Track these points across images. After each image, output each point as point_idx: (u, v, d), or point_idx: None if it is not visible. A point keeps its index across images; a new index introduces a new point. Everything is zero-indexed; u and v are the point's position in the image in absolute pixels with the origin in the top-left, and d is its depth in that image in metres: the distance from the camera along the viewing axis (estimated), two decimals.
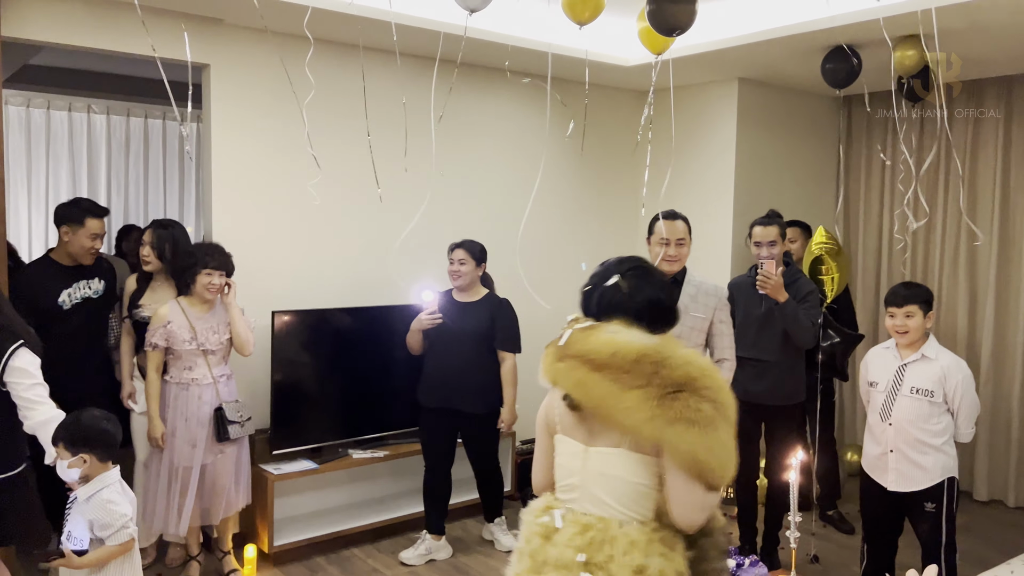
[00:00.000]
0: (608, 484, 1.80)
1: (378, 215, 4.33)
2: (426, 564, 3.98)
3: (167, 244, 3.68)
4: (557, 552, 1.77)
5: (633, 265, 1.94)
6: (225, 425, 3.53)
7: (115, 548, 2.59)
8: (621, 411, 1.70)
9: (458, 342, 3.89)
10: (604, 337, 1.79)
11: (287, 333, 3.96)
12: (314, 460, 4.09)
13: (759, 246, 3.78)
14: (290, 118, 4.09)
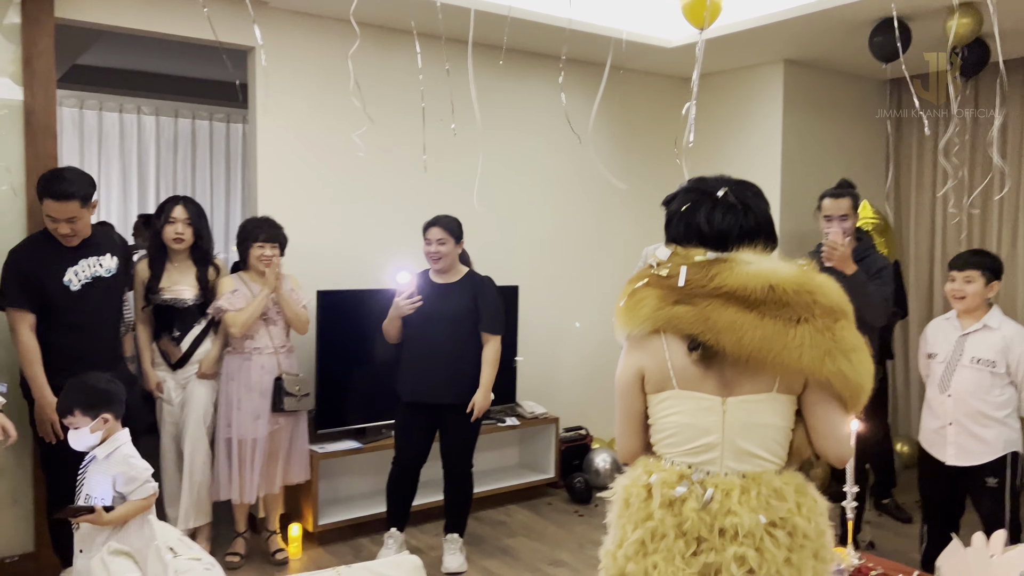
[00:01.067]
0: (757, 434, 1.62)
1: (422, 197, 4.34)
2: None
3: (202, 218, 3.66)
4: (735, 520, 1.57)
5: (728, 180, 1.72)
6: (282, 396, 3.57)
7: (140, 503, 2.60)
8: (792, 350, 1.54)
9: (439, 327, 3.53)
10: (750, 269, 1.60)
11: (332, 313, 3.98)
12: (358, 440, 4.10)
13: (829, 220, 3.51)
14: (335, 101, 4.14)
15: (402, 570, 2.22)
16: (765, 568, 1.56)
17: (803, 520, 1.60)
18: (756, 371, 1.60)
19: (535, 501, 4.63)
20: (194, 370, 3.63)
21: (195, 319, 3.62)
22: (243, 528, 3.73)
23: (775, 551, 1.56)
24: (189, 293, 3.59)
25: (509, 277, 4.75)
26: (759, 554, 1.56)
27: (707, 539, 1.59)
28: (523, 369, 4.76)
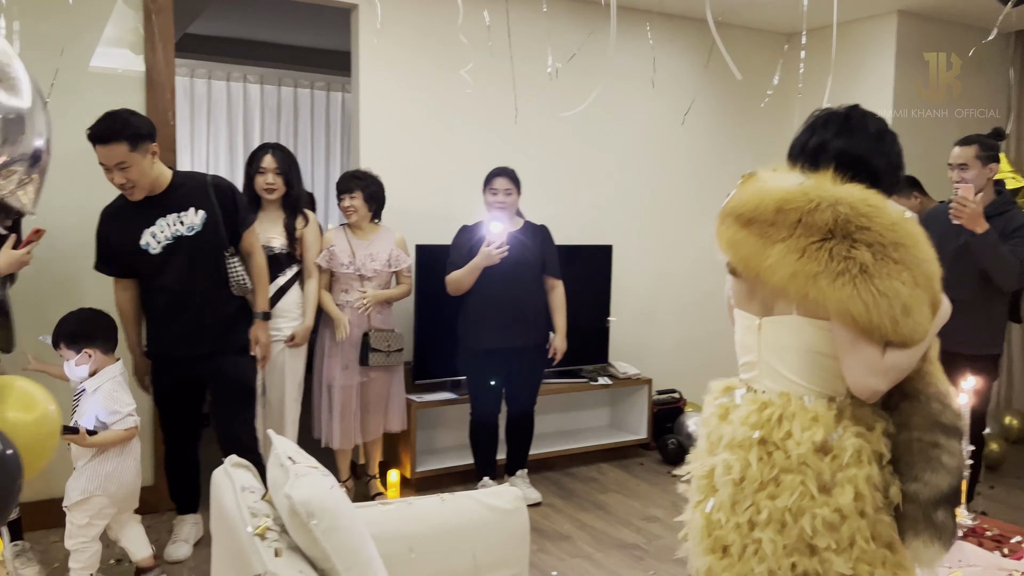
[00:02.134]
0: (785, 356, 1.61)
1: (517, 153, 4.36)
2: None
3: (292, 166, 3.55)
4: (731, 430, 1.63)
5: (838, 110, 1.68)
6: (367, 351, 3.65)
7: (120, 433, 2.78)
8: (764, 270, 1.53)
9: (514, 273, 3.66)
10: (751, 187, 1.61)
11: (430, 267, 4.05)
12: (454, 392, 4.18)
13: (951, 169, 3.31)
14: (435, 56, 4.20)
15: (504, 499, 2.27)
16: (748, 481, 1.58)
17: (797, 445, 1.53)
18: (780, 291, 1.57)
19: (626, 461, 4.62)
20: (278, 325, 3.46)
21: (282, 268, 3.52)
22: (346, 476, 3.85)
23: (758, 467, 1.56)
24: (277, 241, 3.50)
25: (603, 236, 4.74)
26: (746, 466, 1.58)
27: (719, 445, 1.67)
28: (616, 329, 4.74)
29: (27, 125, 1.56)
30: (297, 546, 1.55)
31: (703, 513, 1.67)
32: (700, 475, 1.71)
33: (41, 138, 1.64)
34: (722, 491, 1.62)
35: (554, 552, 3.36)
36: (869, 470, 1.51)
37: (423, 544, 2.11)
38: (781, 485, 1.54)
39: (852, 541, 1.50)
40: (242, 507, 1.69)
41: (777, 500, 1.53)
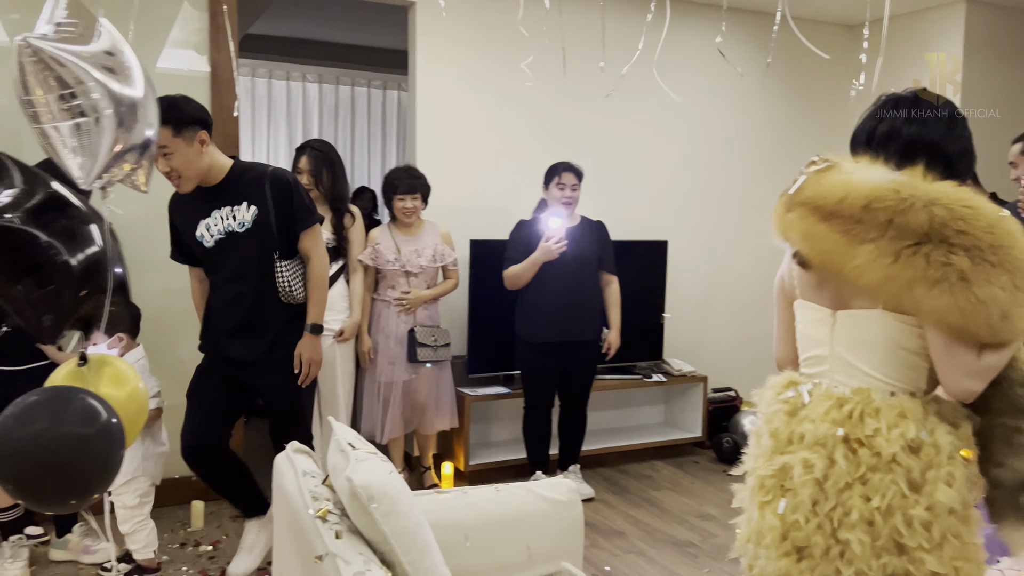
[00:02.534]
0: (865, 351, 1.55)
1: (572, 148, 4.35)
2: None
3: (324, 169, 3.51)
4: (811, 428, 1.54)
5: (905, 94, 1.63)
6: (415, 347, 3.68)
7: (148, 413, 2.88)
8: (851, 270, 1.46)
9: (572, 268, 3.68)
10: (837, 178, 1.52)
11: (484, 262, 4.08)
12: (506, 386, 4.20)
13: (1014, 167, 3.27)
14: (491, 53, 4.22)
15: (558, 491, 2.28)
16: (832, 479, 1.51)
17: (887, 443, 1.47)
18: (867, 291, 1.52)
19: (680, 458, 4.58)
20: (327, 315, 3.21)
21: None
22: (400, 467, 3.91)
23: (846, 466, 1.49)
24: (323, 235, 3.46)
25: (658, 232, 4.70)
26: (829, 465, 1.51)
27: (793, 443, 1.59)
28: (671, 326, 4.70)
29: (139, 114, 1.61)
30: (357, 529, 1.58)
31: (775, 514, 1.58)
32: (766, 474, 1.62)
33: (151, 128, 1.70)
34: (801, 491, 1.54)
35: (607, 547, 3.35)
36: (963, 468, 1.47)
37: (478, 533, 2.13)
38: (869, 484, 1.48)
39: (944, 539, 1.45)
40: (304, 491, 1.73)
41: (870, 500, 1.47)
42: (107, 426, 1.42)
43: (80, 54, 1.38)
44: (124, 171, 1.52)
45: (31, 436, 1.36)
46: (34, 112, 1.45)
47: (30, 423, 1.35)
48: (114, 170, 1.50)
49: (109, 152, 1.38)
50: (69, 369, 1.73)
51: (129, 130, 1.41)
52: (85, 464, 1.42)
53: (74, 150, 1.33)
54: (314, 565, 1.51)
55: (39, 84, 1.35)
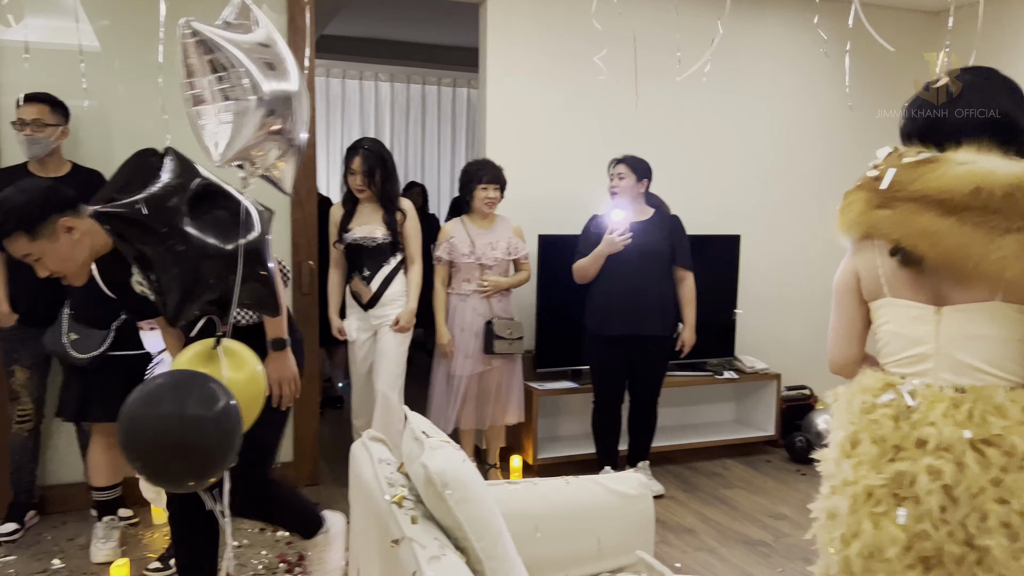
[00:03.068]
0: (979, 346, 1.50)
1: (643, 142, 4.33)
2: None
3: (377, 169, 3.55)
4: (933, 432, 1.46)
5: (968, 69, 1.59)
6: (492, 339, 3.72)
7: None
8: (994, 262, 1.41)
9: (639, 262, 3.65)
10: (956, 170, 1.46)
11: (552, 256, 4.09)
12: (575, 381, 4.21)
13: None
14: (561, 48, 4.23)
15: (629, 485, 2.28)
16: (964, 485, 1.43)
17: (1021, 440, 1.40)
18: (969, 279, 1.47)
19: (752, 457, 4.51)
20: (385, 312, 3.60)
21: (386, 257, 3.59)
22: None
23: (978, 469, 1.42)
24: (379, 232, 3.56)
25: (730, 226, 4.63)
26: (958, 469, 1.44)
27: (905, 448, 1.50)
28: (743, 322, 4.63)
29: (294, 108, 1.67)
30: (431, 515, 1.61)
31: (896, 525, 1.49)
32: (875, 484, 1.51)
33: (304, 124, 1.76)
34: (928, 499, 1.46)
35: (677, 544, 3.33)
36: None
37: (548, 525, 2.14)
38: (1003, 485, 1.42)
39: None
40: (379, 477, 1.78)
41: (1006, 502, 1.41)
42: (227, 409, 1.47)
43: (234, 41, 1.43)
44: (267, 161, 1.56)
45: (158, 418, 1.41)
46: (191, 94, 1.51)
47: (157, 405, 1.42)
48: (256, 159, 1.54)
49: (250, 136, 1.43)
50: (197, 350, 1.79)
51: (280, 119, 1.45)
52: (206, 446, 1.45)
53: (216, 130, 1.40)
54: (390, 549, 1.55)
55: (197, 65, 1.43)
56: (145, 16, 3.48)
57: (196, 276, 1.60)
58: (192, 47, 1.47)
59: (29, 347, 3.20)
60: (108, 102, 3.49)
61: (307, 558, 2.68)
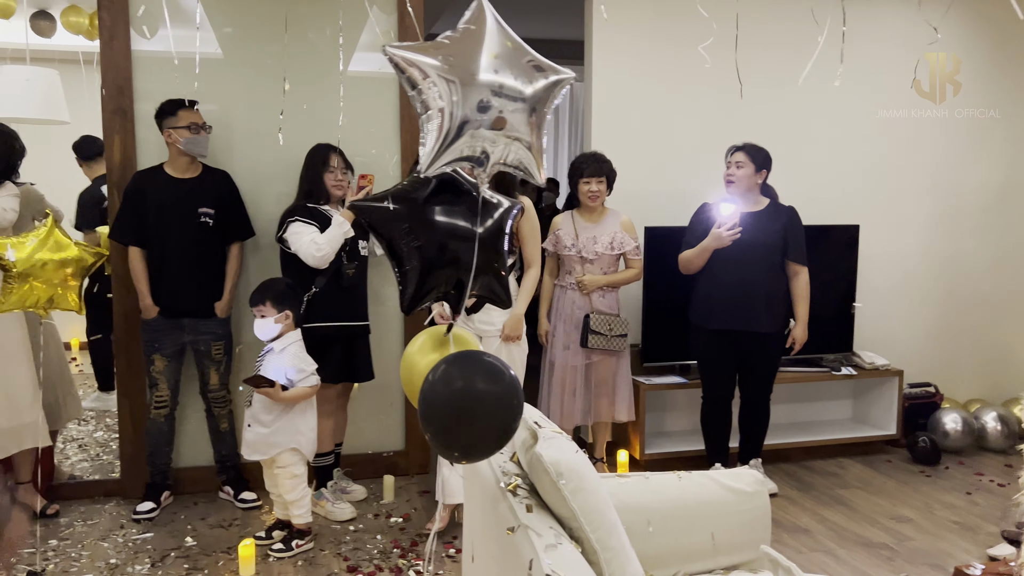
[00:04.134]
0: None
1: (754, 130, 4.20)
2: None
3: None
4: None
5: None
6: (587, 333, 3.67)
7: (306, 390, 3.05)
8: None
9: (747, 256, 3.52)
10: None
11: (659, 249, 4.03)
12: (683, 376, 4.14)
13: None
14: (668, 37, 4.17)
15: (743, 481, 2.23)
16: None
17: None
18: None
19: (871, 457, 4.32)
20: (490, 319, 3.25)
21: None
22: None
23: None
24: None
25: (849, 215, 4.45)
26: None
27: None
28: (862, 316, 4.43)
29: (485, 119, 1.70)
30: (546, 504, 1.63)
31: None
32: None
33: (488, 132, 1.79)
34: None
35: (792, 544, 3.23)
36: None
37: (660, 519, 2.12)
38: None
39: None
40: (494, 466, 1.81)
41: None
42: (513, 384, 1.49)
43: (427, 62, 1.50)
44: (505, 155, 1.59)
45: (452, 394, 1.48)
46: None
47: (450, 383, 1.48)
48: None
49: (438, 148, 1.48)
50: (429, 336, 1.80)
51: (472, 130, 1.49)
52: (497, 418, 1.49)
53: (422, 141, 1.49)
54: (506, 537, 1.57)
55: (403, 83, 1.51)
56: (265, 22, 3.64)
57: (432, 269, 1.68)
58: (394, 68, 1.54)
59: (169, 337, 3.44)
60: (230, 106, 3.67)
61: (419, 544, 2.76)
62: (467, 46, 1.56)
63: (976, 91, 4.61)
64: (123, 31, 3.49)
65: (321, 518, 3.42)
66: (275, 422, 3.06)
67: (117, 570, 2.97)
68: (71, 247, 2.84)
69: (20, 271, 2.75)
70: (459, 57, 1.53)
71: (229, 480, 3.64)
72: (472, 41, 1.56)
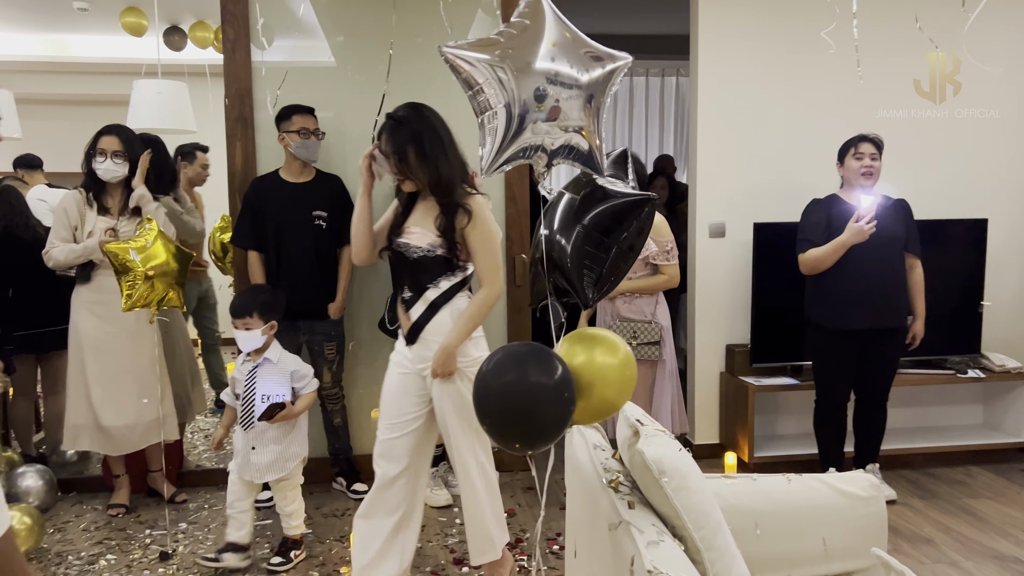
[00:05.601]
0: None
1: (868, 122, 4.02)
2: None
3: (409, 147, 3.24)
4: None
5: None
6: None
7: (311, 395, 2.99)
8: None
9: (881, 249, 3.38)
10: None
11: (769, 245, 3.92)
12: (794, 377, 4.00)
13: None
14: (778, 31, 4.04)
15: (857, 485, 2.14)
16: None
17: None
18: None
19: (1003, 465, 4.04)
20: (429, 353, 2.64)
21: (434, 278, 3.32)
22: None
23: None
24: (427, 239, 3.30)
25: (975, 209, 4.18)
26: None
27: None
28: (991, 316, 4.16)
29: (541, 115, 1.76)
30: (648, 502, 1.62)
31: None
32: None
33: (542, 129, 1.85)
34: None
35: (912, 554, 3.07)
36: None
37: (768, 522, 2.06)
38: None
39: None
40: (595, 462, 1.81)
41: None
42: (565, 380, 1.52)
43: (480, 58, 1.53)
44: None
45: (505, 384, 1.53)
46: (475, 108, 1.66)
47: (503, 374, 1.53)
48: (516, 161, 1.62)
49: (498, 147, 1.52)
50: (574, 334, 1.77)
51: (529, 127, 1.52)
52: (545, 411, 1.53)
53: (481, 142, 1.53)
54: (608, 533, 1.57)
55: (461, 84, 1.57)
56: (375, 30, 3.76)
57: (572, 270, 1.75)
58: (451, 69, 1.58)
59: (285, 337, 3.54)
60: (343, 111, 3.81)
61: None
62: (525, 37, 1.56)
63: None
64: (244, 43, 3.69)
65: (426, 508, 3.51)
66: (287, 436, 2.96)
67: None
68: (172, 250, 3.09)
69: (146, 271, 2.97)
70: (517, 48, 1.54)
71: (342, 471, 3.78)
72: (530, 32, 1.57)
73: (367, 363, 3.87)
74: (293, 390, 2.94)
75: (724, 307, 4.13)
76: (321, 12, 3.78)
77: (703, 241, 4.10)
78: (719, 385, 4.20)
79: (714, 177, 4.09)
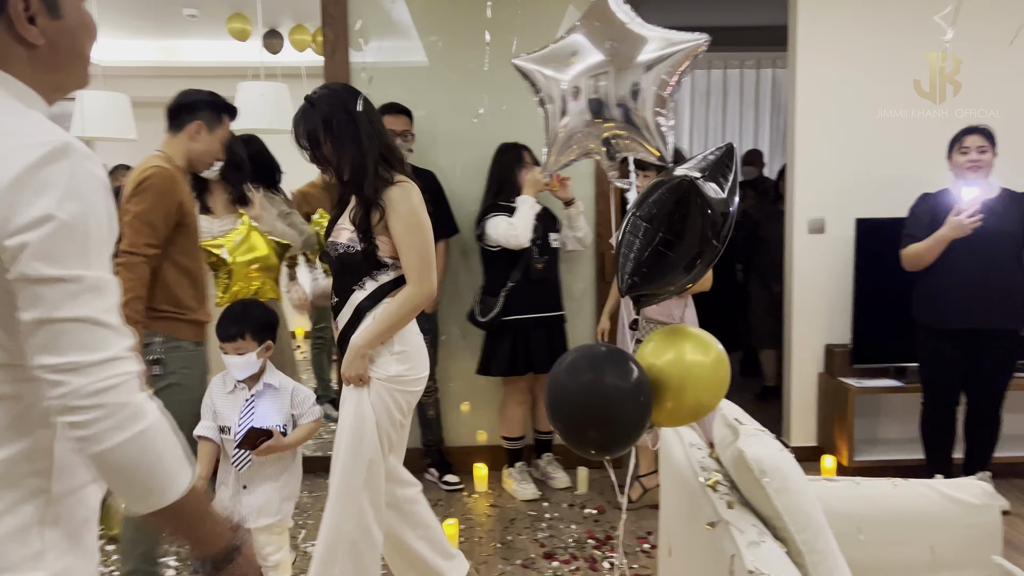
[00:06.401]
0: None
1: (982, 113, 3.81)
2: None
3: (321, 132, 3.08)
4: None
5: None
6: (633, 341, 3.43)
7: (311, 426, 2.44)
8: None
9: (987, 246, 3.19)
10: None
11: (872, 241, 3.77)
12: (898, 379, 3.84)
13: None
14: (882, 16, 3.88)
15: (969, 492, 2.04)
16: None
17: None
18: None
19: None
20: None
21: (358, 278, 3.18)
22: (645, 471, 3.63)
23: None
24: (345, 234, 3.26)
25: None
26: None
27: None
28: None
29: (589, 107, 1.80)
30: (747, 502, 1.59)
31: None
32: None
33: (585, 119, 1.88)
34: None
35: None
36: None
37: (872, 527, 2.00)
38: None
39: None
40: (692, 461, 1.78)
41: None
42: (641, 384, 1.50)
43: (546, 64, 1.59)
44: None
45: (579, 385, 1.53)
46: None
47: (578, 375, 1.54)
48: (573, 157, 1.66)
49: (556, 142, 1.57)
50: (660, 336, 1.75)
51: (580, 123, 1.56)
52: (619, 415, 1.52)
53: (546, 141, 1.59)
54: (706, 532, 1.55)
55: (530, 90, 1.65)
56: (468, 30, 3.81)
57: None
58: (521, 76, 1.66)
59: None
60: (435, 110, 3.88)
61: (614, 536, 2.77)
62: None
63: None
64: (343, 45, 3.80)
65: (517, 502, 3.54)
66: (283, 472, 2.44)
67: None
68: (263, 246, 3.19)
69: (232, 267, 3.11)
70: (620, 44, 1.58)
71: (434, 463, 3.85)
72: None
73: (459, 356, 3.93)
74: (292, 417, 2.44)
75: (823, 306, 4.00)
76: (417, 14, 3.85)
77: (801, 237, 3.98)
78: (817, 386, 4.07)
79: (813, 172, 3.96)
